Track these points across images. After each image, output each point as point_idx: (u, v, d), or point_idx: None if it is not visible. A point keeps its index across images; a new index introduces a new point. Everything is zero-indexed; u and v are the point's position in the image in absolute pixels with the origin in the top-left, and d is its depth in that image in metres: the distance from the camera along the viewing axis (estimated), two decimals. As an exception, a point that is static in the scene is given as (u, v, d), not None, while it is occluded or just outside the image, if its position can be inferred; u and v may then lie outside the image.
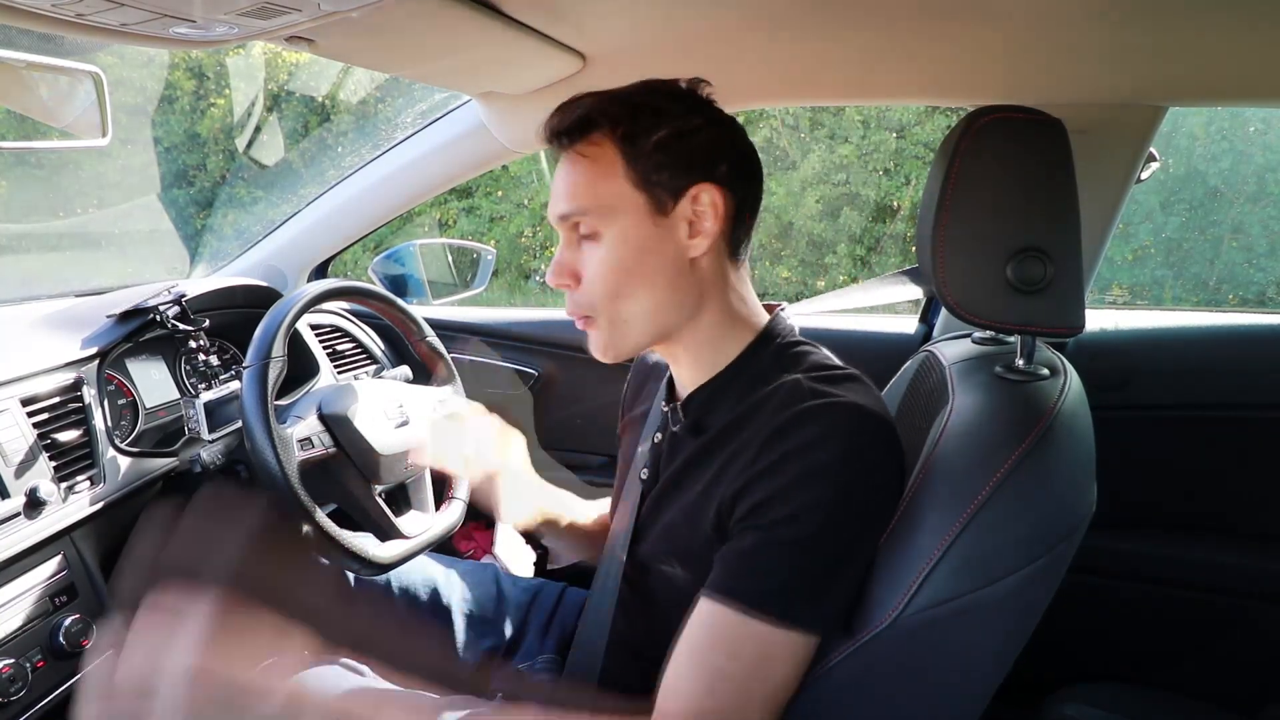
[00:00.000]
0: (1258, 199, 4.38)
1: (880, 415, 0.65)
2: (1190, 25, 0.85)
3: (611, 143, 0.69)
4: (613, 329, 0.73)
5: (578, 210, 0.70)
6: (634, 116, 0.69)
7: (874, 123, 5.28)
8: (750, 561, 0.62)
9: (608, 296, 0.71)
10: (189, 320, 1.17)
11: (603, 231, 0.70)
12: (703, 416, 0.74)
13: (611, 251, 0.70)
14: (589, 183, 0.70)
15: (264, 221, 1.59)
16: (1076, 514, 0.63)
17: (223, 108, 5.62)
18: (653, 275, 0.70)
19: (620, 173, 0.69)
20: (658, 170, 0.69)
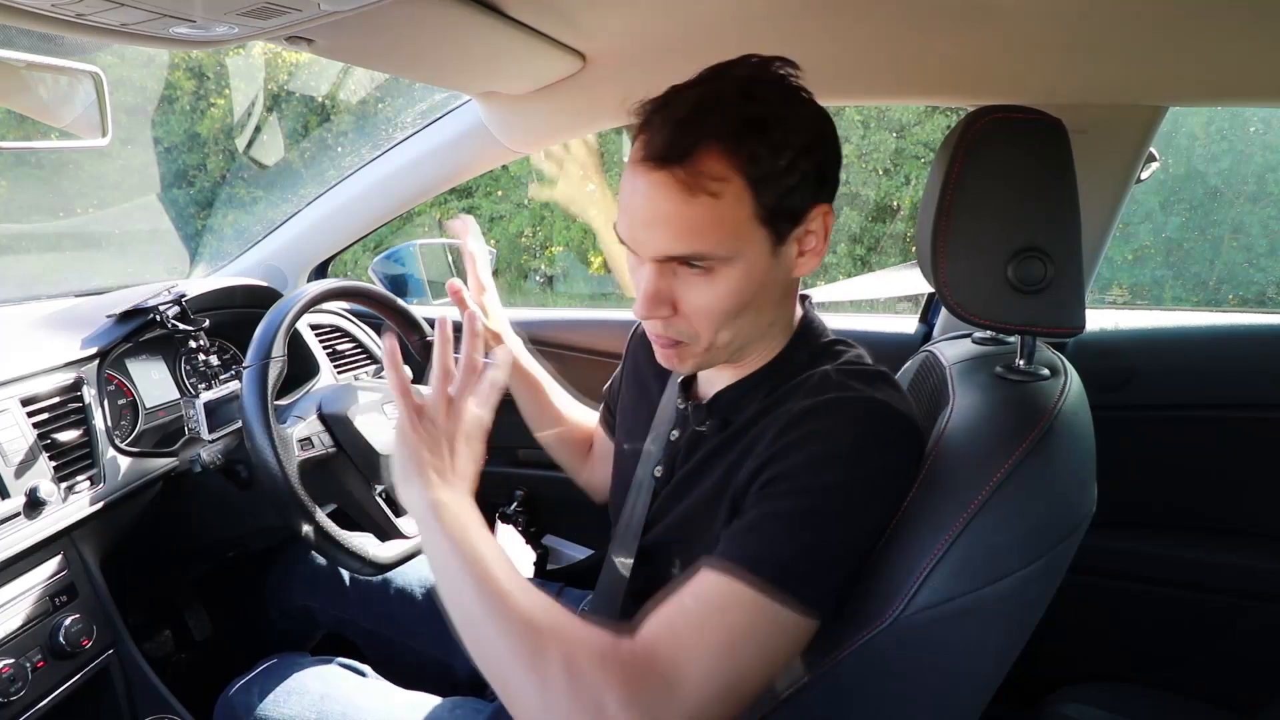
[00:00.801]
0: (1258, 199, 4.38)
1: (905, 415, 0.64)
2: (1190, 25, 0.85)
3: (735, 171, 0.60)
4: (708, 353, 0.68)
5: (697, 255, 0.62)
6: (757, 134, 0.61)
7: (874, 123, 5.27)
8: (753, 532, 0.61)
9: (715, 326, 0.66)
10: (189, 320, 1.17)
11: (721, 270, 0.63)
12: (730, 414, 0.73)
13: (728, 288, 0.63)
14: (712, 222, 0.61)
15: (264, 221, 1.59)
16: (1077, 514, 0.63)
17: (223, 108, 5.61)
18: (762, 304, 0.67)
19: (747, 208, 0.61)
20: (786, 198, 0.62)
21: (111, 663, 0.96)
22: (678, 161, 0.60)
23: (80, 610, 0.93)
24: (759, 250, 0.64)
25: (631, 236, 0.65)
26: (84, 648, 0.91)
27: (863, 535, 0.62)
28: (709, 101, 0.61)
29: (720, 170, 0.60)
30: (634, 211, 0.63)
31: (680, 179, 0.60)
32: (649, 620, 0.59)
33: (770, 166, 0.61)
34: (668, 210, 0.61)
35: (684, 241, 0.62)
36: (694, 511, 0.72)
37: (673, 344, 0.68)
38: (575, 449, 1.08)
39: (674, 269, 0.64)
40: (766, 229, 0.63)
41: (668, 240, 0.62)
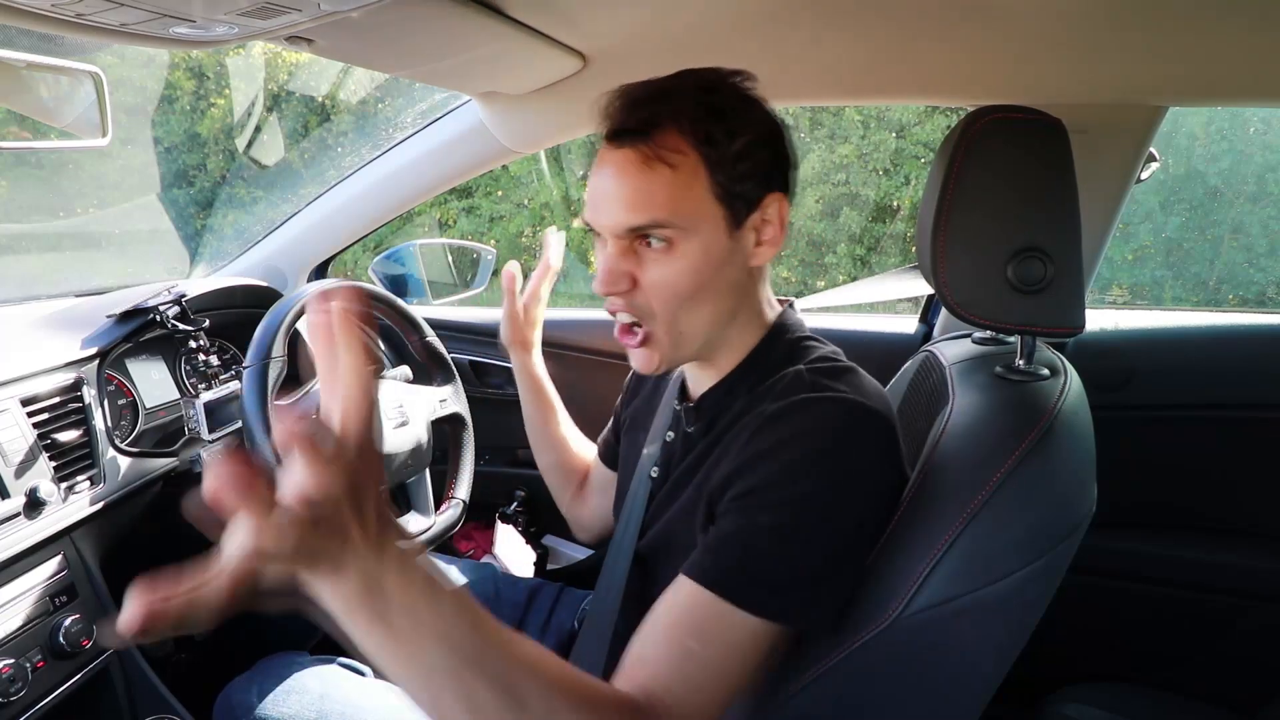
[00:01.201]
0: (1258, 199, 4.38)
1: (878, 412, 0.64)
2: (1190, 25, 0.85)
3: (691, 147, 0.64)
4: (671, 340, 0.69)
5: (655, 223, 0.64)
6: (714, 118, 0.64)
7: (874, 123, 5.27)
8: (729, 545, 0.61)
9: (671, 308, 0.67)
10: (189, 320, 1.17)
11: (679, 244, 0.65)
12: (716, 416, 0.74)
13: (687, 265, 0.65)
14: (669, 192, 0.64)
15: (264, 221, 1.59)
16: (1077, 514, 0.63)
17: (223, 108, 5.61)
18: (721, 287, 0.68)
19: (703, 182, 0.64)
20: (740, 181, 0.65)
21: (111, 663, 0.96)
22: (638, 136, 0.64)
23: (80, 610, 0.93)
24: (715, 228, 0.66)
25: (594, 214, 0.67)
26: (84, 648, 0.91)
27: (846, 538, 0.62)
28: (669, 88, 0.66)
29: (677, 144, 0.64)
30: (596, 189, 0.67)
31: (640, 151, 0.64)
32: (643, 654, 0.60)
33: (725, 149, 0.64)
34: (628, 183, 0.64)
35: (643, 211, 0.64)
36: (680, 516, 0.72)
37: (637, 336, 0.69)
38: (568, 478, 1.08)
39: (635, 248, 0.66)
40: (723, 207, 0.66)
41: (627, 211, 0.65)
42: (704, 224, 0.65)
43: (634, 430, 0.90)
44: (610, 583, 0.81)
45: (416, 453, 1.15)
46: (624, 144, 0.65)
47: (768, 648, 0.61)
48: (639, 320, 0.69)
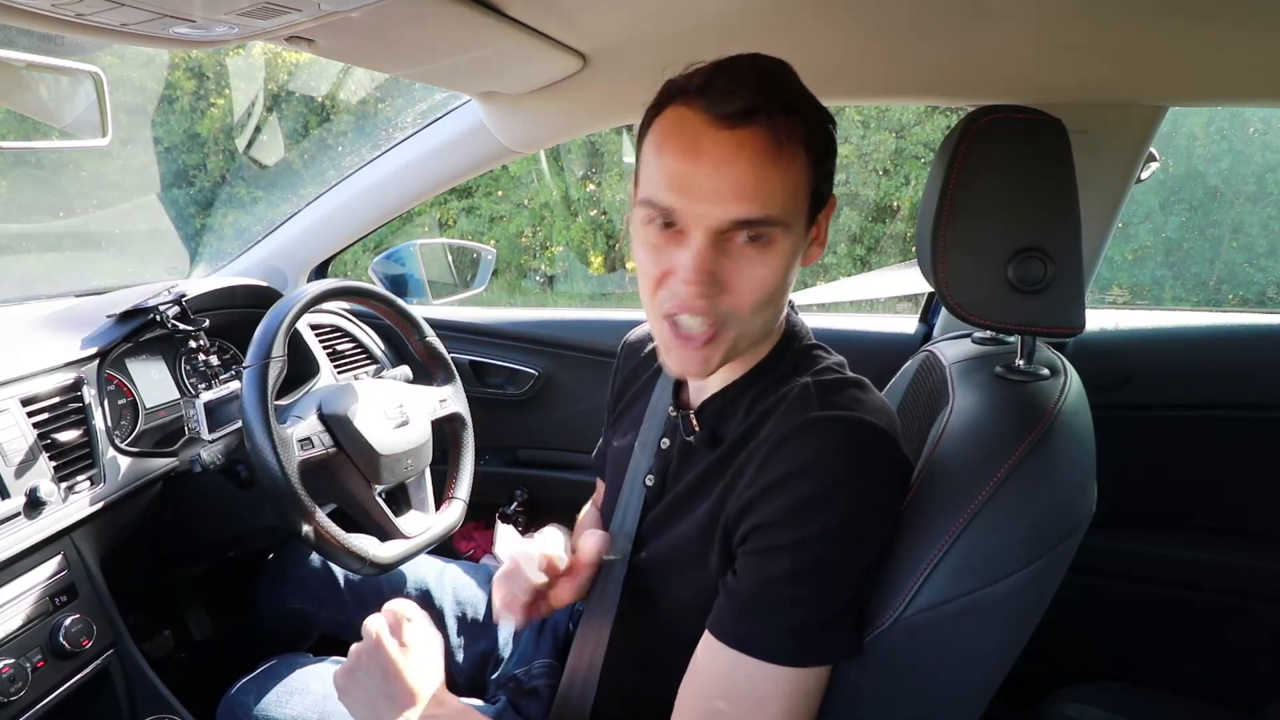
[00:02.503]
0: (1258, 199, 4.38)
1: (883, 430, 0.63)
2: (1190, 25, 0.85)
3: (802, 140, 0.59)
4: (739, 340, 0.64)
5: (768, 219, 0.58)
6: (813, 112, 0.61)
7: (874, 123, 5.27)
8: (753, 603, 0.60)
9: (756, 310, 0.62)
10: (189, 320, 1.17)
11: (779, 242, 0.60)
12: (719, 425, 0.72)
13: (781, 265, 0.61)
14: (788, 186, 0.59)
15: (264, 221, 1.59)
16: (1077, 514, 0.63)
17: (223, 108, 5.61)
18: (790, 286, 0.65)
19: (808, 179, 0.61)
20: (824, 180, 0.63)
21: (111, 663, 0.96)
22: (763, 119, 0.57)
23: (80, 610, 0.93)
24: (802, 227, 0.62)
25: (685, 200, 0.59)
26: (84, 648, 0.91)
27: (861, 566, 0.62)
28: (769, 72, 0.60)
29: (795, 134, 0.58)
30: (695, 173, 0.58)
31: (766, 138, 0.57)
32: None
33: (821, 145, 0.61)
34: (746, 170, 0.57)
35: (761, 204, 0.58)
36: (688, 538, 0.70)
37: (707, 339, 0.62)
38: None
39: (725, 244, 0.59)
40: (808, 207, 0.62)
41: (742, 203, 0.57)
42: (799, 222, 0.62)
43: (624, 432, 0.87)
44: (604, 591, 0.79)
45: (416, 453, 1.15)
46: (740, 125, 0.57)
47: (804, 691, 0.60)
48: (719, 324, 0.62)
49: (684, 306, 0.61)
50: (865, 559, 0.62)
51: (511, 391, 1.61)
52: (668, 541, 0.73)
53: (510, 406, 1.62)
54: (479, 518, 1.69)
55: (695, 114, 0.59)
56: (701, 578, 0.68)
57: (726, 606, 0.62)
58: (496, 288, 5.52)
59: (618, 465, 0.85)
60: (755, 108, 0.57)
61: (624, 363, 0.93)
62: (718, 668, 0.61)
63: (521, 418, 1.63)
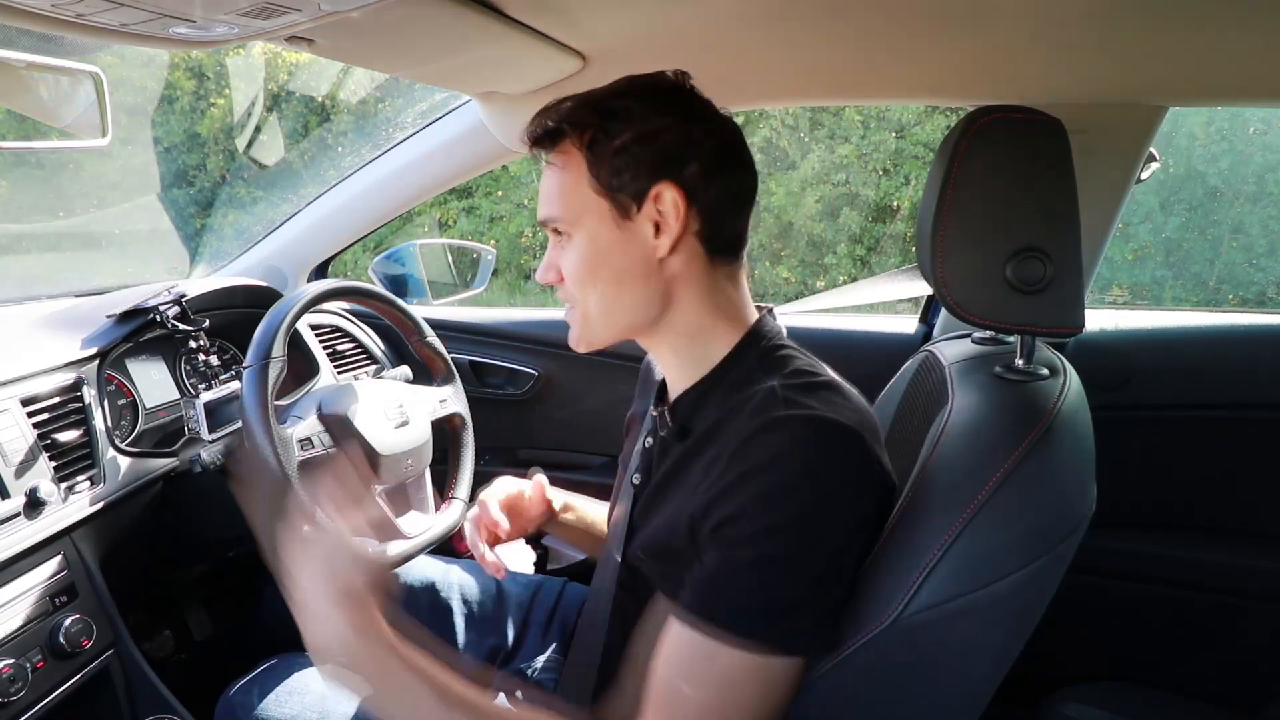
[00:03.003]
0: (1258, 199, 4.38)
1: (849, 429, 0.63)
2: (1190, 25, 0.85)
3: (578, 150, 0.72)
4: (586, 319, 0.75)
5: (550, 217, 0.74)
6: (600, 122, 0.71)
7: (874, 123, 5.27)
8: (714, 585, 0.62)
9: (580, 292, 0.74)
10: (189, 320, 1.17)
11: (572, 234, 0.73)
12: (689, 420, 0.74)
13: (578, 252, 0.73)
14: (560, 191, 0.73)
15: (264, 221, 1.59)
16: (1076, 514, 0.63)
17: (223, 108, 5.61)
18: (616, 275, 0.72)
19: (585, 180, 0.71)
20: (618, 175, 0.70)
21: (111, 663, 0.96)
22: (541, 146, 0.74)
23: (80, 610, 0.93)
24: (600, 220, 0.72)
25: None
26: (84, 648, 0.91)
27: (826, 560, 0.62)
28: (583, 98, 0.73)
29: (567, 146, 0.72)
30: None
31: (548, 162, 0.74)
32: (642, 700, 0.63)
33: (606, 147, 0.70)
34: (542, 185, 0.75)
35: (542, 206, 0.75)
36: (663, 530, 0.72)
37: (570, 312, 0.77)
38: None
39: (558, 240, 0.75)
40: (605, 200, 0.71)
41: (541, 207, 0.75)
42: (587, 216, 0.72)
43: (631, 438, 0.91)
44: (600, 588, 0.81)
45: (416, 453, 1.15)
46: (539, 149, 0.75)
47: (767, 681, 0.61)
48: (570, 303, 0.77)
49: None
50: (829, 551, 0.62)
51: (511, 391, 1.61)
52: (648, 535, 0.75)
53: (510, 406, 1.62)
54: (479, 518, 1.69)
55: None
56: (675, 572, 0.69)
57: (693, 589, 0.63)
58: (496, 288, 5.52)
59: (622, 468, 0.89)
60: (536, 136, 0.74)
61: (643, 377, 0.96)
62: (681, 650, 0.62)
63: (521, 418, 1.63)
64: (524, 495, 0.94)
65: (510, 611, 1.08)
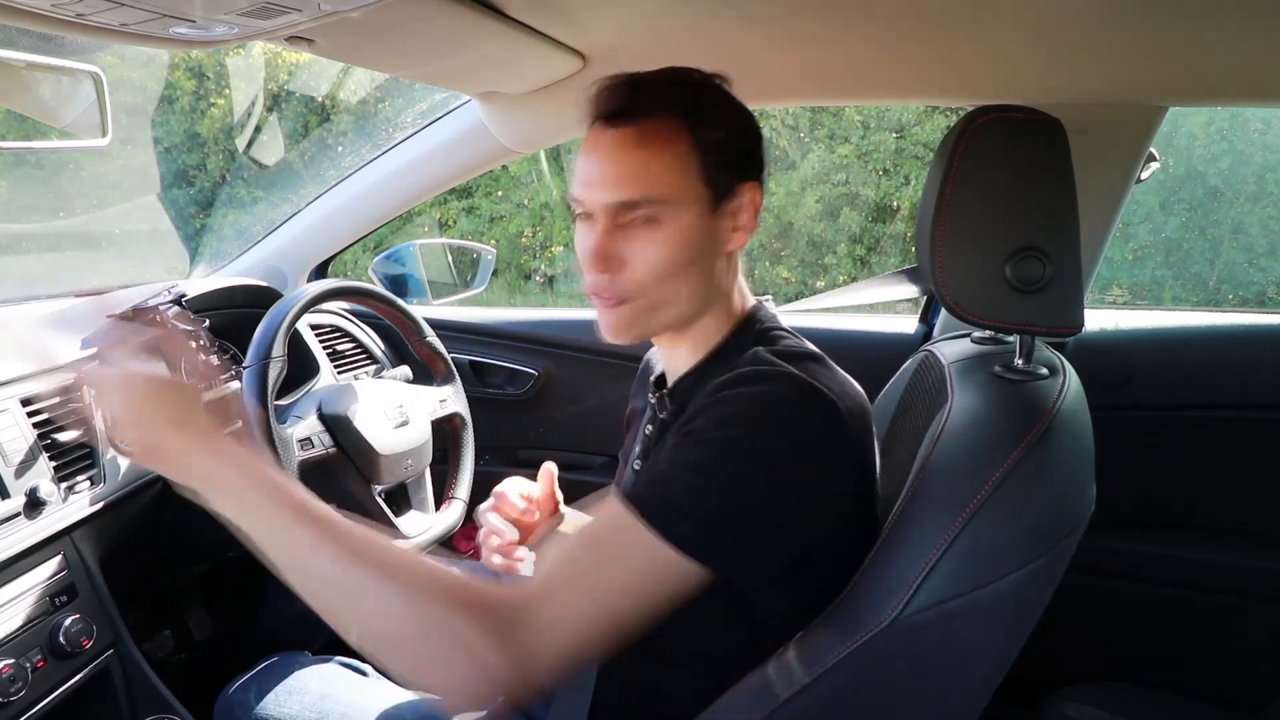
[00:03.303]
0: (1258, 199, 4.38)
1: (825, 394, 0.63)
2: (1190, 25, 0.85)
3: (682, 130, 0.67)
4: (650, 310, 0.71)
5: (645, 199, 0.67)
6: (701, 107, 0.69)
7: (874, 123, 5.27)
8: (654, 474, 0.63)
9: (655, 284, 0.69)
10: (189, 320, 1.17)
11: (665, 221, 0.68)
12: (686, 403, 0.75)
13: (671, 242, 0.68)
14: (661, 168, 0.67)
15: (264, 221, 1.59)
16: (1076, 513, 0.63)
17: (223, 108, 5.61)
18: (700, 267, 0.70)
19: (692, 163, 0.68)
20: (721, 167, 0.69)
21: (111, 663, 0.96)
22: (633, 116, 0.67)
23: (80, 610, 0.93)
24: (699, 206, 0.69)
25: (585, 191, 0.69)
26: (84, 648, 0.91)
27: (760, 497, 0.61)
28: (659, 78, 0.70)
29: (669, 126, 0.67)
30: (588, 168, 0.69)
31: (636, 130, 0.67)
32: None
33: (709, 135, 0.68)
34: (623, 160, 0.67)
35: (636, 187, 0.67)
36: None
37: (614, 304, 0.71)
38: None
39: (622, 226, 0.68)
40: (706, 188, 0.69)
41: (620, 187, 0.67)
42: (689, 202, 0.68)
43: (631, 433, 0.91)
44: None
45: (416, 453, 1.15)
46: (619, 124, 0.68)
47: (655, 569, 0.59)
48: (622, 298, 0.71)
49: (591, 287, 0.72)
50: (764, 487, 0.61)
51: (511, 391, 1.61)
52: None
53: (510, 406, 1.62)
54: (479, 518, 1.69)
55: (596, 124, 0.70)
56: None
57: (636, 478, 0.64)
58: (496, 288, 5.52)
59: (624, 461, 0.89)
60: (629, 108, 0.67)
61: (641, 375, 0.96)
62: (599, 523, 0.62)
63: (521, 418, 1.63)
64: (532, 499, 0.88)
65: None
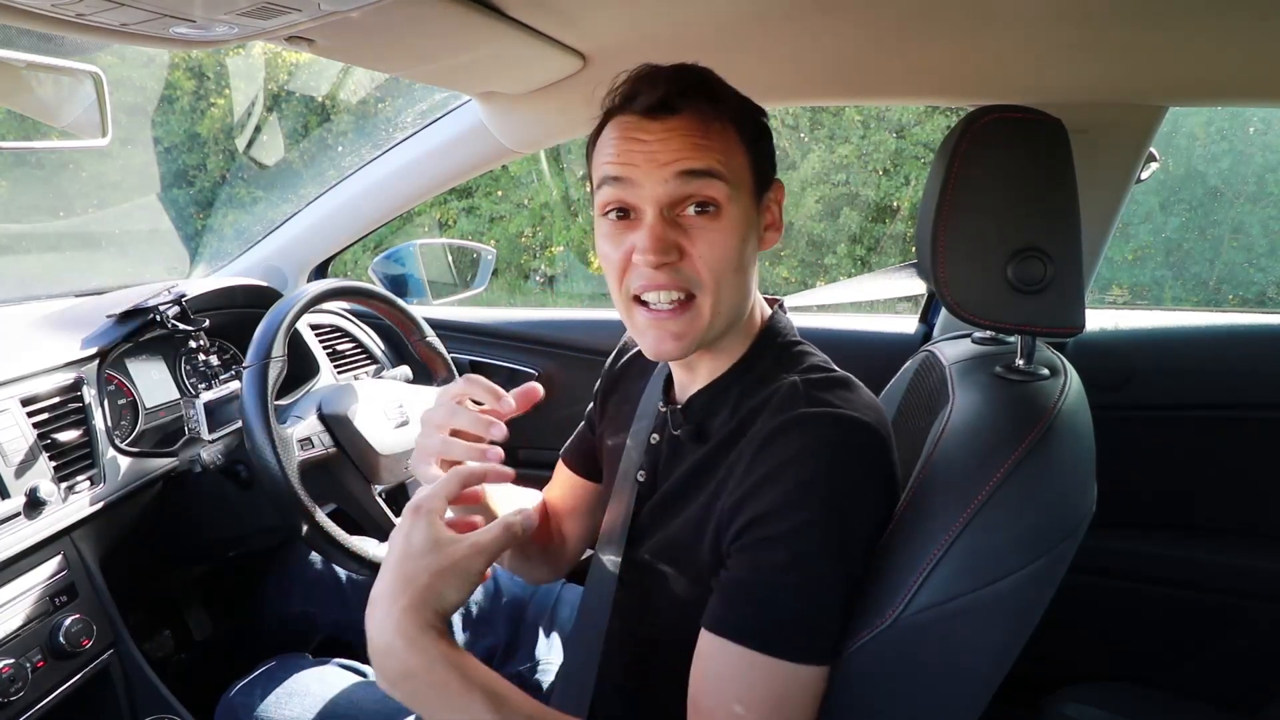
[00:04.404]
0: (1258, 199, 4.38)
1: (871, 426, 0.63)
2: (1190, 25, 0.85)
3: (727, 119, 0.66)
4: (712, 314, 0.66)
5: (714, 171, 0.63)
6: (742, 104, 0.68)
7: (874, 123, 5.27)
8: (750, 596, 0.61)
9: (720, 278, 0.65)
10: (189, 320, 1.17)
11: (728, 207, 0.64)
12: (705, 420, 0.73)
13: (735, 231, 0.65)
14: (721, 149, 0.64)
15: (264, 221, 1.59)
16: (1077, 514, 0.63)
17: (223, 108, 5.61)
18: (750, 263, 0.69)
19: (742, 150, 0.66)
20: (762, 158, 0.69)
21: (111, 663, 0.96)
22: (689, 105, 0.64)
23: (80, 610, 0.93)
24: (749, 197, 0.67)
25: (629, 180, 0.64)
26: (84, 648, 0.91)
27: (852, 564, 0.62)
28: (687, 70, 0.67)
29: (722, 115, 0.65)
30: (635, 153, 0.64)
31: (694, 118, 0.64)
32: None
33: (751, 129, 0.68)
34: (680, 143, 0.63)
35: (701, 156, 0.63)
36: (681, 536, 0.71)
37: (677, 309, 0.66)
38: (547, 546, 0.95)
39: (676, 218, 0.64)
40: (754, 176, 0.67)
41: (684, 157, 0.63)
42: (743, 189, 0.66)
43: (615, 431, 0.86)
44: (598, 586, 0.79)
45: (416, 453, 1.15)
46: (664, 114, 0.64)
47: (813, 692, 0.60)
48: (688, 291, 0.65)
49: (650, 281, 0.65)
50: (851, 556, 0.62)
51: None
52: (661, 538, 0.73)
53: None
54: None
55: (630, 118, 0.66)
56: (696, 575, 0.68)
57: (724, 600, 0.62)
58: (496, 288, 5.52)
59: (611, 462, 0.85)
60: (678, 98, 0.64)
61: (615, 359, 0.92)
62: (728, 668, 0.60)
63: (521, 418, 1.63)
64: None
65: (507, 611, 1.08)
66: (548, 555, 0.93)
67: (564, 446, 0.95)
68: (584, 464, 0.92)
